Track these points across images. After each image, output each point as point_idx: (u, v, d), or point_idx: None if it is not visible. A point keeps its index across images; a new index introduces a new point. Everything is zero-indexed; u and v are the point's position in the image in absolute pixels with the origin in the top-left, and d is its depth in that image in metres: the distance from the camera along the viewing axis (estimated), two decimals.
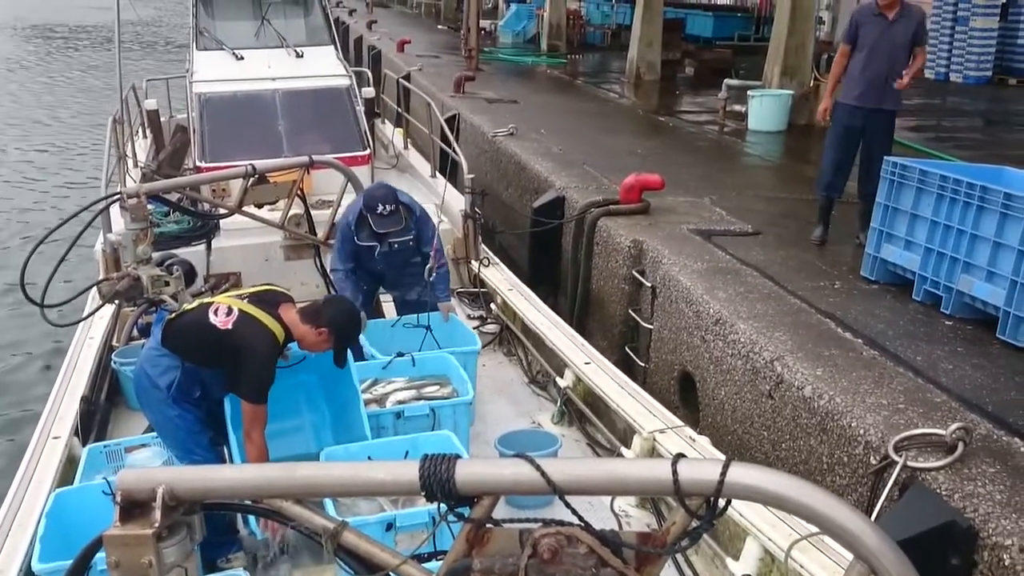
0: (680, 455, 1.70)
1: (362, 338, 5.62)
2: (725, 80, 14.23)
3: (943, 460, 4.04)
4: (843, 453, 4.58)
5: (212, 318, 4.37)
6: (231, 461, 4.59)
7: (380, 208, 6.09)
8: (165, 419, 4.50)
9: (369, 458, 4.48)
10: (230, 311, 4.39)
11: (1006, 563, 3.55)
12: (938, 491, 3.94)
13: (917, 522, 3.88)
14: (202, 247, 7.37)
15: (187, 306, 4.73)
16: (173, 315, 4.66)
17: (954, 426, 4.11)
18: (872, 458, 4.36)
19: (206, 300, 4.67)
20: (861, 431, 4.47)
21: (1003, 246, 5.43)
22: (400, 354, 5.85)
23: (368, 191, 6.44)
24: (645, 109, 15.01)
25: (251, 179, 6.64)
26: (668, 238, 7.28)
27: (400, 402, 5.52)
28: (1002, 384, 4.90)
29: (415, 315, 6.42)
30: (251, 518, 4.31)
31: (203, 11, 9.80)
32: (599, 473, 1.79)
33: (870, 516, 4.13)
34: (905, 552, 1.55)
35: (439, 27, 29.71)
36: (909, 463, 4.10)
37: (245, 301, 4.49)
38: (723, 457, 1.76)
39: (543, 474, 1.72)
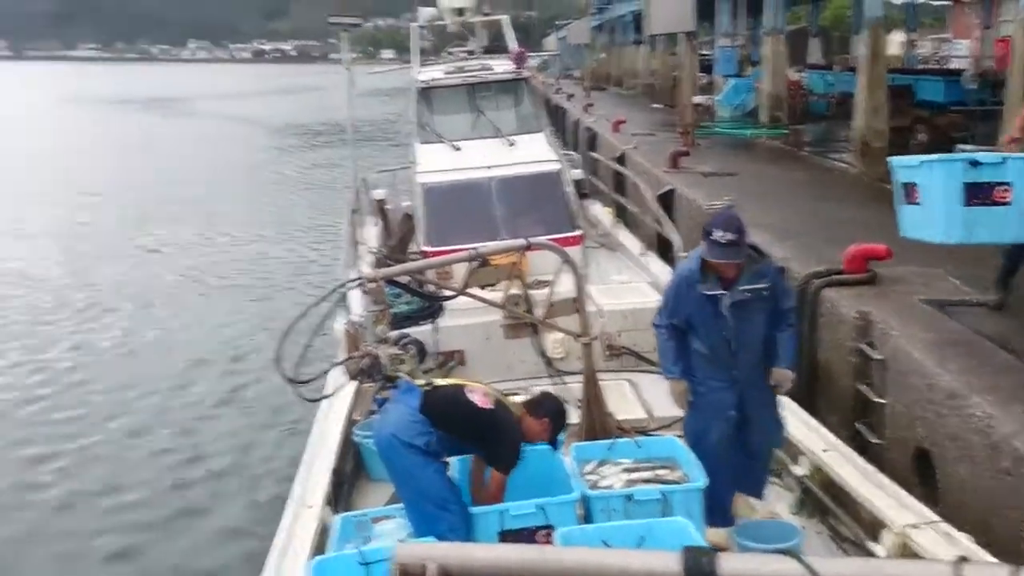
0: (963, 558, 1.59)
1: None
2: (957, 146, 13.54)
3: None
4: None
5: (471, 396, 4.95)
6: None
7: (716, 233, 4.87)
8: (424, 475, 4.79)
9: (604, 543, 4.39)
10: (485, 394, 5.01)
11: None
12: None
13: None
14: (429, 326, 7.81)
15: (438, 382, 5.25)
16: (428, 388, 5.07)
17: None
18: None
19: (455, 381, 5.27)
20: None
21: None
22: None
23: (713, 216, 5.37)
24: (871, 177, 14.48)
25: (476, 262, 6.93)
26: (897, 309, 6.98)
27: (630, 484, 5.26)
28: None
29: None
30: None
31: (425, 108, 10.72)
32: (869, 573, 1.68)
33: None
34: None
35: (654, 106, 30.03)
36: None
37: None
38: (994, 560, 1.64)
39: (812, 572, 1.64)
